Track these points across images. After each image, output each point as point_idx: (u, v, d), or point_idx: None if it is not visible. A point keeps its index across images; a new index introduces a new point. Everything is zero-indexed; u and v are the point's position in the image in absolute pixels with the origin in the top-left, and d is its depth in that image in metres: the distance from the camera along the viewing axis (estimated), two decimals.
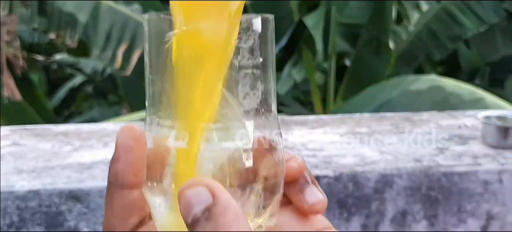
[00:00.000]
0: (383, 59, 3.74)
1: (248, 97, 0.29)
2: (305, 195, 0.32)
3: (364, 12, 3.78)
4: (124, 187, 0.30)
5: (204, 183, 0.27)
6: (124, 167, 0.30)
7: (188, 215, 0.27)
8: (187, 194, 0.27)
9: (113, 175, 0.30)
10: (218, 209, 0.26)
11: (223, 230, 0.26)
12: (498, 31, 4.50)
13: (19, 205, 1.04)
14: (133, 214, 0.30)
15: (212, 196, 0.26)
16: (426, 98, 2.66)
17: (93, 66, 4.81)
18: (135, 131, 0.30)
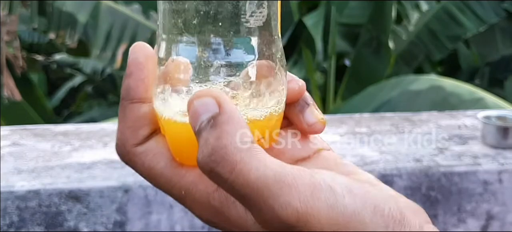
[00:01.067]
0: (383, 59, 3.74)
1: (254, 15, 0.31)
2: (305, 115, 0.34)
3: (364, 12, 3.78)
4: (135, 101, 0.32)
5: (211, 94, 0.29)
6: (135, 82, 0.32)
7: (196, 123, 0.28)
8: (195, 104, 0.29)
9: (125, 90, 0.32)
10: (223, 118, 0.28)
11: (226, 137, 0.27)
12: (498, 31, 4.50)
13: (19, 205, 1.04)
14: (144, 126, 0.32)
15: (218, 106, 0.28)
16: (426, 98, 2.66)
17: (93, 66, 4.80)
18: (146, 49, 0.32)
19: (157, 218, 1.10)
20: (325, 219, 0.27)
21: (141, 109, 0.32)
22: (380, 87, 3.09)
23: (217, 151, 0.27)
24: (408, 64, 3.96)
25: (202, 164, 0.28)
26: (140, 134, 0.32)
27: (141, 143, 0.32)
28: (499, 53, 4.53)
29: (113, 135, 1.35)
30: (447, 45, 3.84)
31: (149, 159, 0.32)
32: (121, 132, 0.33)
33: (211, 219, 0.31)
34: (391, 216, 0.28)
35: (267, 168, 0.27)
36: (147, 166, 0.32)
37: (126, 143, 0.32)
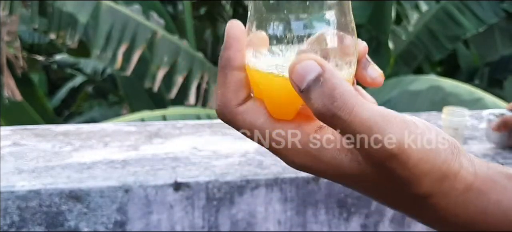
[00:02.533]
0: (383, 59, 3.75)
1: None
2: (368, 71, 0.41)
3: (363, 12, 3.78)
4: (235, 69, 0.37)
5: (311, 57, 0.34)
6: (235, 53, 0.37)
7: (303, 82, 0.33)
8: (299, 67, 0.33)
9: (226, 59, 0.37)
10: (327, 75, 0.33)
11: (340, 87, 0.33)
12: (497, 31, 4.50)
13: (19, 205, 1.05)
14: (243, 88, 0.37)
15: (320, 66, 0.33)
16: (425, 98, 2.67)
17: (93, 66, 4.81)
18: (240, 26, 0.37)
19: (157, 218, 1.10)
20: (414, 148, 0.34)
21: (240, 75, 0.37)
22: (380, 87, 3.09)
23: (338, 98, 0.33)
24: (408, 64, 3.96)
25: (324, 111, 0.33)
26: (240, 95, 0.37)
27: (241, 103, 0.37)
28: (498, 53, 4.53)
29: (113, 135, 1.36)
30: (447, 45, 3.84)
31: (250, 116, 0.37)
32: (223, 95, 0.37)
33: (307, 164, 0.36)
34: (454, 145, 0.37)
35: (373, 109, 0.34)
36: (248, 123, 0.37)
37: (228, 103, 0.37)
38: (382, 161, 0.34)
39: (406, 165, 0.34)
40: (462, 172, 0.37)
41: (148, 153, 1.23)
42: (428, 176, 0.35)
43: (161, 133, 1.37)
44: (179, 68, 3.34)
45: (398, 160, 0.34)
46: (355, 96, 0.34)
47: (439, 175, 0.36)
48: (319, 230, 1.17)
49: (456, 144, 0.37)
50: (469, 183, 0.37)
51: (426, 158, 0.35)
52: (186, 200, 1.10)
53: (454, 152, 0.36)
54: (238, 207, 1.12)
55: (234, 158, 1.21)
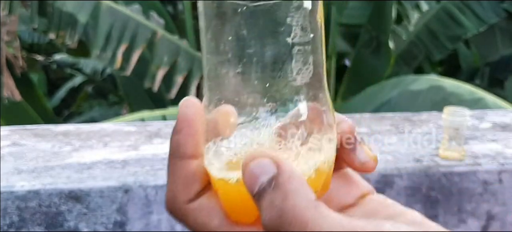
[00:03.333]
0: (383, 59, 3.74)
1: (301, 72, 0.31)
2: (357, 154, 0.34)
3: (364, 12, 3.78)
4: (185, 158, 0.31)
5: (267, 154, 0.29)
6: (185, 138, 0.31)
7: (254, 185, 0.28)
8: (252, 166, 0.28)
9: (175, 146, 0.32)
10: (283, 177, 0.28)
11: (293, 197, 0.27)
12: (498, 31, 4.50)
13: (19, 205, 1.04)
14: (195, 182, 0.32)
15: (276, 166, 0.28)
16: (426, 98, 2.66)
17: (93, 66, 4.81)
18: (195, 104, 0.32)
19: (157, 218, 1.10)
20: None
21: (191, 165, 0.32)
22: (380, 87, 3.09)
23: (286, 212, 0.27)
24: (408, 64, 3.96)
25: (271, 226, 0.28)
26: (192, 190, 0.32)
27: (193, 200, 0.32)
28: (499, 53, 4.53)
29: (113, 135, 1.35)
30: (447, 45, 3.84)
31: (203, 216, 0.31)
32: (172, 189, 0.32)
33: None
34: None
35: (336, 223, 0.27)
36: (201, 223, 0.31)
37: (177, 199, 0.32)
38: None
39: None
40: None
41: (148, 153, 1.22)
42: None
43: (161, 133, 1.36)
44: (179, 68, 3.33)
45: None
46: (313, 207, 0.27)
47: None
48: None
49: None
50: None
51: None
52: None
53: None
54: None
55: None
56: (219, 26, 0.31)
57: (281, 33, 0.30)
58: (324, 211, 0.28)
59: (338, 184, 0.35)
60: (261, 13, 0.30)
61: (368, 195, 0.35)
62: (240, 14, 0.30)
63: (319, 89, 0.32)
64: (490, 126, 1.48)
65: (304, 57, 0.31)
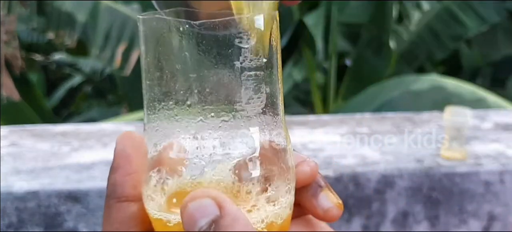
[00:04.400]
0: (384, 58, 3.74)
1: (252, 102, 0.28)
2: (319, 200, 0.31)
3: (364, 11, 3.77)
4: (122, 200, 0.28)
5: (209, 194, 0.25)
6: (122, 178, 0.28)
7: (192, 228, 0.25)
8: (191, 207, 0.25)
9: (111, 186, 0.28)
10: (226, 221, 0.25)
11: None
12: (500, 31, 4.49)
13: (18, 205, 1.04)
14: (132, 228, 0.28)
15: (218, 208, 0.25)
16: (427, 98, 2.65)
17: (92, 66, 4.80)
18: (134, 139, 0.29)
19: None
20: None
21: (129, 208, 0.28)
22: (381, 87, 3.08)
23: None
24: (410, 64, 3.95)
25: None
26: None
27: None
28: (501, 53, 4.53)
29: (113, 135, 1.35)
30: (449, 44, 3.83)
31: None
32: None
33: None
34: None
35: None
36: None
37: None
38: None
39: None
40: None
41: None
42: None
43: None
44: None
45: None
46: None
47: None
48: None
49: None
50: None
51: None
52: None
53: None
54: None
55: None
56: (159, 48, 0.28)
57: (229, 56, 0.27)
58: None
59: (300, 228, 0.31)
60: (206, 32, 0.26)
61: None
62: (183, 34, 0.27)
63: (275, 123, 0.29)
64: (491, 126, 1.47)
65: (255, 84, 0.27)
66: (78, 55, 4.82)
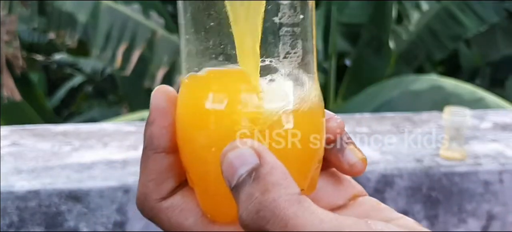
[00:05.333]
0: (384, 59, 3.74)
1: (289, 56, 0.29)
2: (345, 155, 0.32)
3: (364, 11, 3.78)
4: (159, 151, 0.29)
5: (248, 144, 0.26)
6: (159, 130, 0.29)
7: (233, 177, 0.26)
8: (230, 157, 0.26)
9: (148, 138, 0.29)
10: (265, 169, 0.25)
11: (274, 191, 0.25)
12: (499, 31, 4.49)
13: (18, 205, 1.04)
14: (169, 178, 0.29)
15: (258, 157, 0.26)
16: (427, 98, 2.66)
17: (93, 66, 4.80)
18: (169, 93, 0.30)
19: None
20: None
21: (165, 159, 0.29)
22: (381, 87, 3.08)
23: (266, 206, 0.25)
24: (409, 64, 3.96)
25: (248, 222, 0.25)
26: (164, 187, 0.29)
27: (166, 198, 0.29)
28: (500, 53, 4.53)
29: (113, 135, 1.35)
30: (448, 45, 3.83)
31: (176, 215, 0.29)
32: (143, 185, 0.30)
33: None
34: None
35: (322, 222, 0.25)
36: (174, 223, 0.29)
37: (149, 197, 0.29)
38: None
39: None
40: None
41: None
42: None
43: None
44: (179, 68, 3.33)
45: None
46: (297, 202, 0.25)
47: None
48: None
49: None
50: None
51: None
52: None
53: None
54: None
55: None
56: (199, 4, 0.28)
57: (268, 11, 0.27)
58: (309, 207, 0.25)
59: (327, 184, 0.32)
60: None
61: (359, 196, 0.33)
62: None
63: (309, 78, 0.30)
64: (491, 126, 1.48)
65: (292, 40, 0.28)
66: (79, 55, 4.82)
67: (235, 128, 0.27)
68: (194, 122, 0.28)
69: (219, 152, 0.27)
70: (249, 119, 0.28)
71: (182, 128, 0.29)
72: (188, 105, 0.29)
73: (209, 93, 0.28)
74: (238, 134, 0.27)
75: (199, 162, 0.28)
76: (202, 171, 0.28)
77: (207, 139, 0.28)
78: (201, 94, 0.28)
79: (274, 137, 0.28)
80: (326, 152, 0.32)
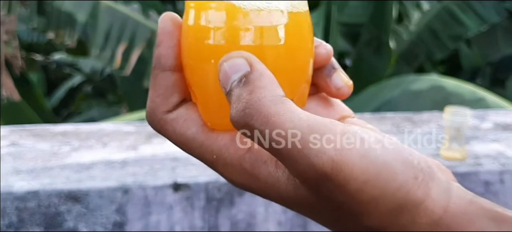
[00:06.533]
0: (384, 58, 3.74)
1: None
2: (332, 79, 0.35)
3: (364, 11, 3.77)
4: (166, 69, 0.33)
5: (241, 55, 0.30)
6: (166, 50, 0.32)
7: (227, 83, 0.29)
8: (226, 66, 0.29)
9: (157, 58, 0.33)
10: (254, 75, 0.29)
11: (260, 91, 0.28)
12: (500, 31, 4.49)
13: (18, 205, 1.04)
14: (175, 93, 0.33)
15: (249, 66, 0.29)
16: (427, 98, 2.66)
17: (92, 66, 4.79)
18: (174, 18, 0.33)
19: (156, 218, 1.09)
20: (357, 167, 0.27)
21: (172, 76, 0.33)
22: (381, 87, 3.08)
23: (251, 104, 0.28)
24: (409, 63, 3.95)
25: (236, 119, 0.28)
26: (170, 101, 0.33)
27: (172, 110, 0.33)
28: (500, 53, 4.53)
29: (112, 135, 1.35)
30: (449, 44, 3.83)
31: (180, 125, 0.33)
32: (152, 100, 0.33)
33: (243, 182, 0.32)
34: (420, 168, 0.29)
35: (301, 119, 0.28)
36: (178, 132, 0.33)
37: (156, 110, 0.33)
38: (316, 184, 0.28)
39: (346, 189, 0.27)
40: (427, 203, 0.28)
41: (147, 153, 1.22)
42: (378, 205, 0.28)
43: None
44: None
45: (335, 183, 0.27)
46: (279, 102, 0.28)
47: (392, 205, 0.28)
48: (319, 230, 1.16)
49: (428, 167, 0.29)
50: (436, 217, 0.29)
51: (374, 182, 0.27)
52: (185, 200, 1.09)
53: (418, 177, 0.28)
54: (238, 207, 1.11)
55: None
56: None
57: None
58: (291, 107, 0.28)
59: (317, 105, 0.36)
60: None
61: (348, 117, 0.36)
62: None
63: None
64: (491, 126, 1.47)
65: None
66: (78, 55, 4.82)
67: (231, 40, 0.31)
68: (196, 37, 0.32)
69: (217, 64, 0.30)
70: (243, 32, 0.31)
71: (187, 45, 0.32)
72: (191, 23, 0.32)
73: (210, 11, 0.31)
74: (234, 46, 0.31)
75: (200, 75, 0.32)
76: (203, 83, 0.32)
77: (208, 53, 0.31)
78: (201, 13, 0.32)
79: (265, 49, 0.31)
80: (315, 77, 0.35)
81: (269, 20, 0.31)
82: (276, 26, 0.31)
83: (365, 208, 0.28)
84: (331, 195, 0.28)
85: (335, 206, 0.29)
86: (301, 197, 0.30)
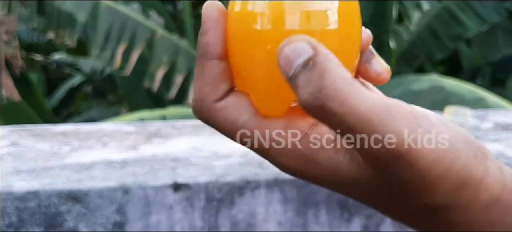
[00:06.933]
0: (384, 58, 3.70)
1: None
2: (372, 64, 0.35)
3: (364, 11, 3.77)
4: (214, 58, 0.32)
5: (303, 38, 0.29)
6: (213, 38, 0.32)
7: (289, 69, 0.29)
8: (287, 50, 0.29)
9: (204, 46, 0.32)
10: (320, 58, 0.28)
11: (332, 73, 0.28)
12: (500, 31, 4.50)
13: (18, 205, 1.04)
14: (223, 82, 0.32)
15: (312, 49, 0.29)
16: (427, 98, 2.66)
17: (92, 66, 4.80)
18: (219, 5, 0.33)
19: (157, 218, 1.09)
20: (426, 146, 0.28)
21: (220, 65, 0.32)
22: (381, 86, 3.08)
23: (326, 86, 0.28)
24: (409, 63, 3.96)
25: (310, 101, 0.28)
26: (220, 89, 0.32)
27: (221, 99, 0.32)
28: (500, 53, 4.53)
29: (113, 135, 1.35)
30: (449, 44, 3.83)
31: (231, 113, 0.32)
32: (200, 89, 0.32)
33: (299, 168, 0.31)
34: (477, 146, 0.30)
35: (374, 99, 0.28)
36: (229, 120, 0.32)
37: (205, 99, 0.32)
38: (385, 163, 0.29)
39: (416, 167, 0.28)
40: (488, 180, 0.30)
41: (147, 153, 1.22)
42: (443, 182, 0.29)
43: (160, 133, 1.36)
44: (178, 68, 3.33)
45: (405, 162, 0.28)
46: (351, 84, 0.28)
47: (457, 182, 0.29)
48: (320, 231, 1.16)
49: (481, 147, 0.31)
50: (496, 194, 0.30)
51: (441, 160, 0.28)
52: (185, 200, 1.09)
53: (478, 155, 0.30)
54: (238, 207, 1.11)
55: (234, 158, 1.20)
56: None
57: None
58: (360, 89, 0.28)
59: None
60: None
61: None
62: None
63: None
64: (491, 126, 1.47)
65: None
66: (78, 55, 4.82)
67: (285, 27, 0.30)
68: (247, 23, 0.31)
69: (275, 49, 0.29)
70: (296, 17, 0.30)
71: (236, 32, 0.32)
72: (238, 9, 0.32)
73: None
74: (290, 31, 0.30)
75: (253, 61, 0.31)
76: (255, 70, 0.31)
77: (262, 38, 0.31)
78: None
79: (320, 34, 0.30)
80: None
81: (323, 5, 0.31)
82: (329, 10, 0.31)
83: (430, 185, 0.29)
84: (400, 176, 0.29)
85: (399, 183, 0.29)
86: (364, 179, 0.30)
